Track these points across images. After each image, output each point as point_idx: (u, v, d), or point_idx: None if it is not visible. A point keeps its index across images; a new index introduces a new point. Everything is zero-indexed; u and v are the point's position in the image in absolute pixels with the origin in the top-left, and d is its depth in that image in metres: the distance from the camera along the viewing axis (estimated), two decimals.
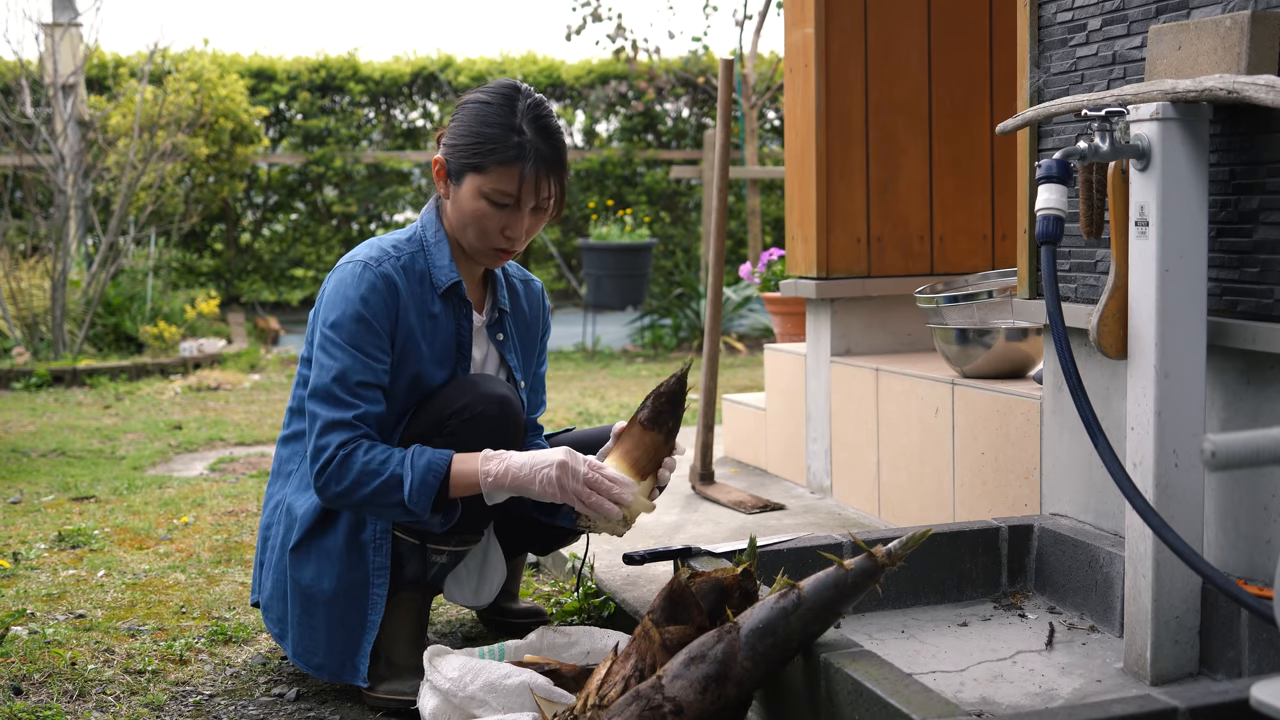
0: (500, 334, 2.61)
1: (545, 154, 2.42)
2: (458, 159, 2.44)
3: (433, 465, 2.32)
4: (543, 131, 2.43)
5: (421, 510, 2.32)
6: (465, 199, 2.44)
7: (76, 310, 7.94)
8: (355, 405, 2.36)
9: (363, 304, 2.39)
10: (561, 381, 7.25)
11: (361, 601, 2.43)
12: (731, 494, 3.90)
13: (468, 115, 2.45)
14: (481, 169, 2.41)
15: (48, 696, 2.43)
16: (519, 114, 2.42)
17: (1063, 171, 2.21)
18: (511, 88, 2.46)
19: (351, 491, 2.33)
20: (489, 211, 2.43)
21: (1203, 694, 1.68)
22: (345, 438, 2.34)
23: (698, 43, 10.35)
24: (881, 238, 4.03)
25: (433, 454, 2.33)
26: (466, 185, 2.43)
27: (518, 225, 2.45)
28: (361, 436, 2.35)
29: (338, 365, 2.37)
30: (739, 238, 10.85)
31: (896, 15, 4.01)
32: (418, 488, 2.30)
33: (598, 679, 2.03)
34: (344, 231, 11.49)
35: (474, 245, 2.48)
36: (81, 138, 8.62)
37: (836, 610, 1.96)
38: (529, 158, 2.40)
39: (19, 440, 5.41)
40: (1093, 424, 2.16)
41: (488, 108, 2.43)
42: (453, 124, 2.48)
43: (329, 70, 11.47)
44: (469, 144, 2.42)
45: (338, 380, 2.37)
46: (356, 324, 2.39)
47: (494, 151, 2.40)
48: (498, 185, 2.41)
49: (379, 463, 2.32)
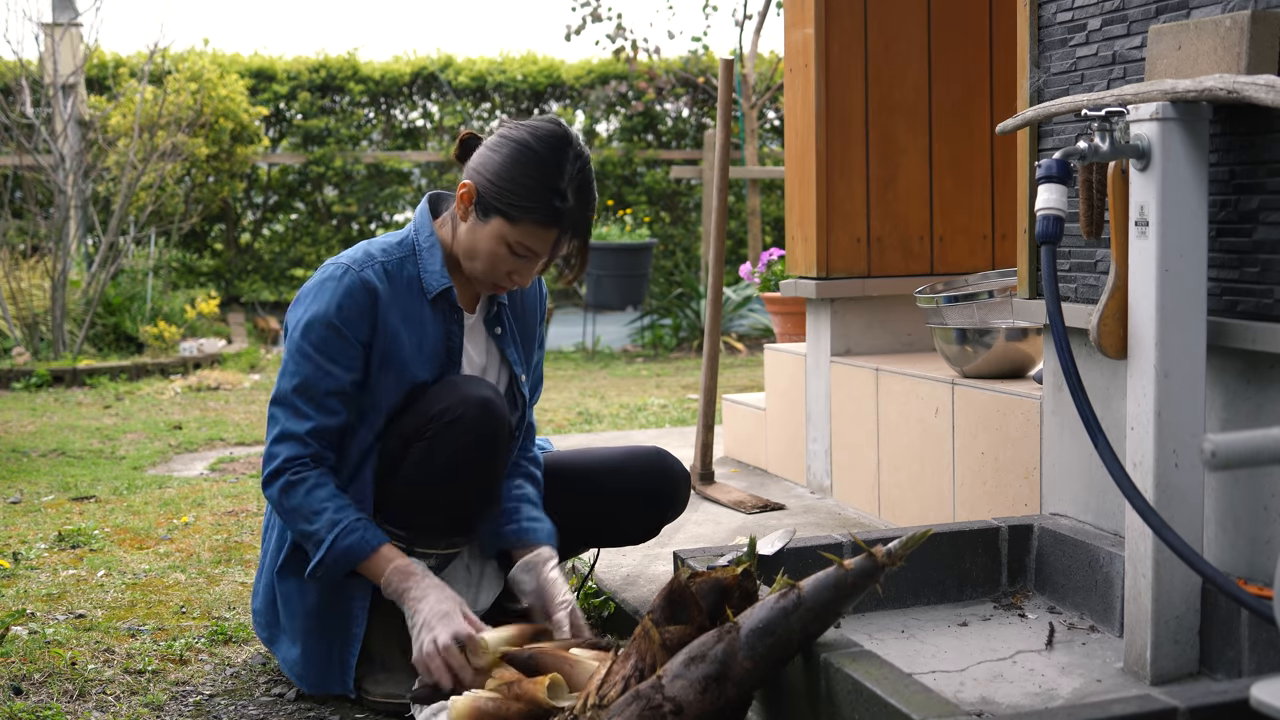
0: (498, 328, 2.58)
1: (580, 222, 2.40)
2: (491, 197, 2.38)
3: (351, 552, 2.35)
4: (583, 200, 2.39)
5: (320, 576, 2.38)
6: (486, 238, 2.41)
7: (76, 310, 7.94)
8: (310, 418, 2.38)
9: (337, 311, 2.38)
10: (561, 381, 7.25)
11: (345, 614, 2.43)
12: (731, 494, 3.90)
13: (512, 156, 2.37)
14: (514, 220, 2.37)
15: (48, 696, 2.43)
16: (566, 176, 2.36)
17: (1063, 171, 2.21)
18: (562, 139, 2.38)
19: (283, 516, 2.40)
20: (506, 257, 2.41)
21: (1203, 694, 1.68)
22: (295, 453, 2.38)
23: (698, 43, 10.35)
24: (881, 238, 4.03)
25: (359, 539, 2.35)
26: (492, 226, 2.39)
27: (527, 274, 2.45)
28: (310, 457, 2.38)
29: (301, 374, 2.39)
30: (739, 238, 10.84)
31: (896, 15, 4.01)
32: (328, 565, 2.36)
33: (598, 679, 2.03)
34: (344, 231, 11.48)
35: (475, 275, 2.47)
36: (81, 138, 8.62)
37: (836, 610, 1.96)
38: (566, 225, 2.38)
39: (19, 440, 5.41)
40: (1093, 424, 2.16)
41: (535, 158, 2.36)
42: (494, 157, 2.39)
43: (329, 70, 11.47)
44: (507, 190, 2.36)
45: (299, 390, 2.38)
46: (326, 329, 2.38)
47: (533, 210, 2.36)
48: (525, 240, 2.38)
49: (311, 512, 2.36)
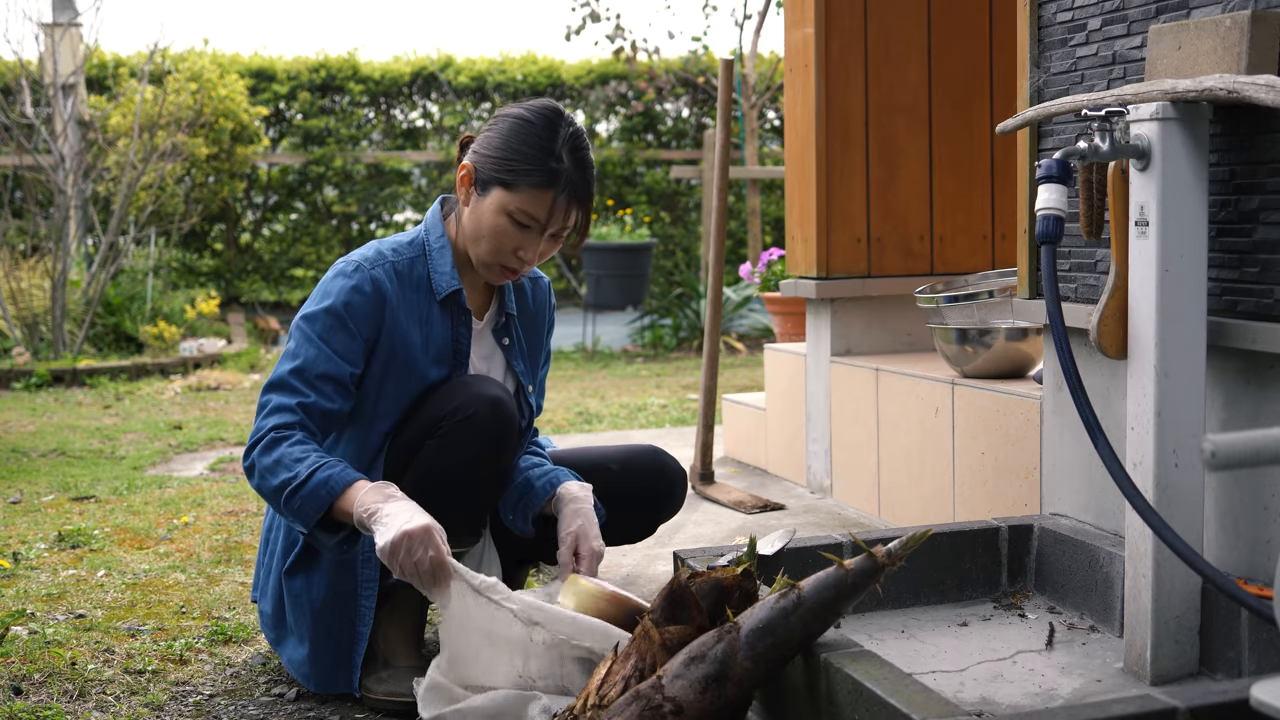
0: (506, 339, 2.58)
1: (578, 185, 2.40)
2: (488, 170, 2.40)
3: (330, 483, 2.21)
4: (579, 163, 2.40)
5: (300, 521, 2.24)
6: (487, 212, 2.41)
7: (76, 310, 7.94)
8: (306, 395, 2.33)
9: (344, 304, 2.38)
10: (561, 381, 7.25)
11: (350, 613, 2.43)
12: (731, 494, 3.90)
13: (506, 129, 2.41)
14: (512, 187, 2.37)
15: (48, 696, 2.43)
16: (560, 140, 2.38)
17: (1063, 171, 2.21)
18: (554, 111, 2.42)
19: (263, 479, 2.26)
20: (508, 229, 2.40)
21: (1203, 694, 1.68)
22: (283, 420, 2.29)
23: (697, 43, 10.35)
24: (881, 238, 4.03)
25: (339, 471, 2.23)
26: (492, 198, 2.40)
27: (533, 248, 2.42)
28: (298, 425, 2.30)
29: (300, 358, 2.35)
30: (739, 238, 10.84)
31: (896, 15, 4.01)
32: (304, 496, 2.21)
33: (598, 679, 2.03)
34: (344, 231, 11.49)
35: (483, 259, 2.45)
36: (81, 138, 8.61)
37: (836, 610, 1.96)
38: (563, 186, 2.38)
39: (19, 440, 5.41)
40: (1093, 424, 2.16)
41: (529, 126, 2.39)
42: (488, 134, 2.43)
43: (329, 70, 11.47)
44: (504, 159, 2.38)
45: (296, 372, 2.34)
46: (331, 318, 2.37)
47: (529, 173, 2.37)
48: (525, 206, 2.38)
49: (293, 459, 2.24)
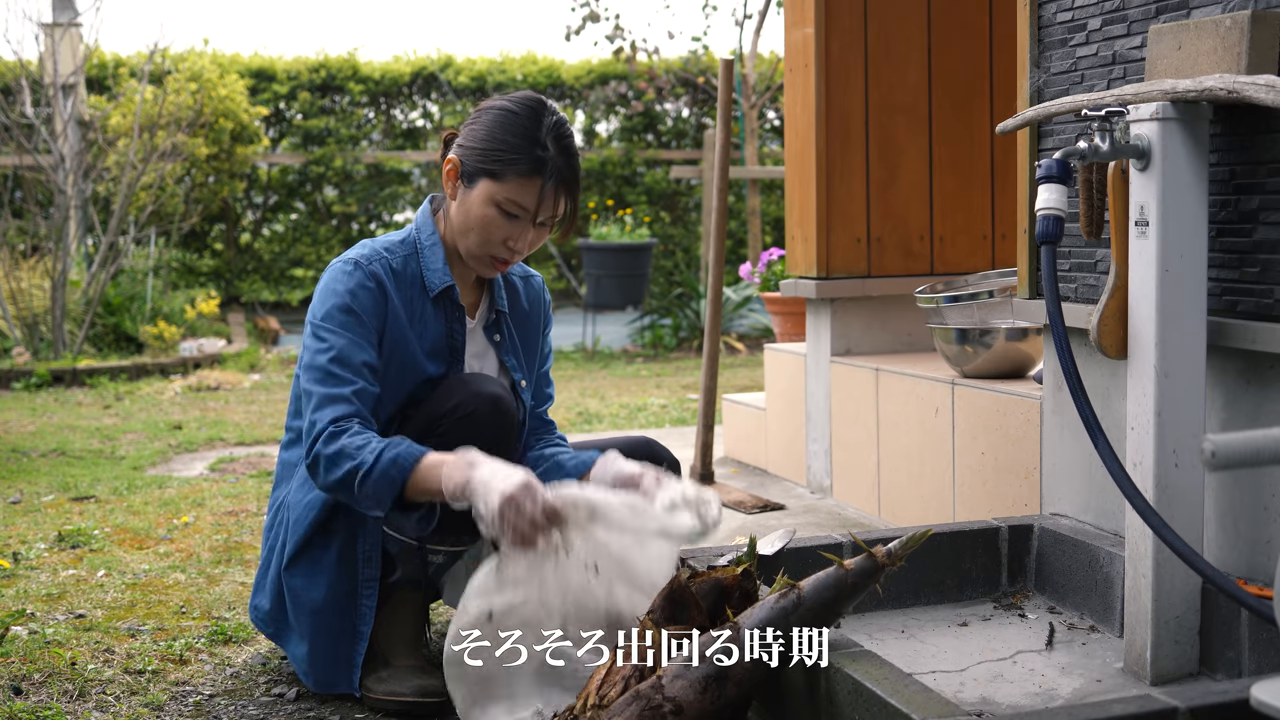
0: (497, 335, 2.59)
1: (564, 172, 2.41)
2: (474, 162, 2.41)
3: (399, 461, 2.23)
4: (564, 150, 2.41)
5: (376, 505, 2.25)
6: (475, 203, 2.42)
7: (76, 310, 7.93)
8: (353, 381, 2.33)
9: (351, 298, 2.39)
10: (561, 381, 7.25)
11: (350, 612, 2.43)
12: (731, 494, 3.90)
13: (490, 120, 2.42)
14: (499, 176, 2.38)
15: (48, 696, 2.43)
16: (544, 129, 2.40)
17: (1063, 171, 2.21)
18: (537, 101, 2.43)
19: (328, 473, 2.27)
20: (497, 220, 2.41)
21: (1203, 694, 1.68)
22: (340, 412, 2.30)
23: (697, 43, 10.35)
24: (881, 238, 4.03)
25: (406, 448, 2.25)
26: (479, 190, 2.41)
27: (522, 238, 2.43)
28: (355, 415, 2.31)
29: (335, 346, 2.35)
30: (739, 238, 10.84)
31: (896, 15, 4.01)
32: (375, 479, 2.22)
33: (598, 679, 2.03)
34: (344, 231, 11.48)
35: (473, 252, 2.46)
36: (81, 138, 8.61)
37: (836, 610, 1.96)
38: (549, 173, 2.38)
39: (19, 440, 5.41)
40: (1093, 424, 2.16)
41: (513, 117, 2.40)
42: (472, 126, 2.44)
43: (329, 70, 11.47)
44: (489, 150, 2.39)
45: (335, 360, 2.34)
46: (346, 314, 2.38)
47: (515, 162, 2.38)
48: (512, 196, 2.39)
49: (356, 448, 2.25)
